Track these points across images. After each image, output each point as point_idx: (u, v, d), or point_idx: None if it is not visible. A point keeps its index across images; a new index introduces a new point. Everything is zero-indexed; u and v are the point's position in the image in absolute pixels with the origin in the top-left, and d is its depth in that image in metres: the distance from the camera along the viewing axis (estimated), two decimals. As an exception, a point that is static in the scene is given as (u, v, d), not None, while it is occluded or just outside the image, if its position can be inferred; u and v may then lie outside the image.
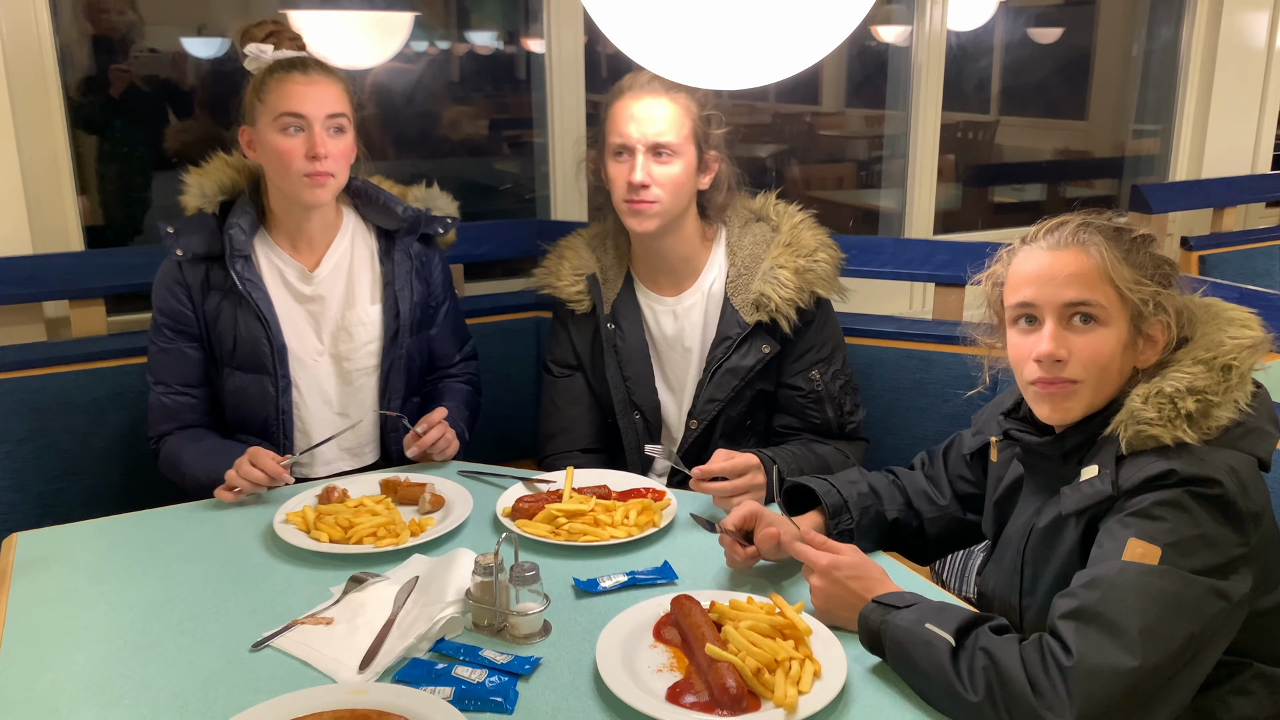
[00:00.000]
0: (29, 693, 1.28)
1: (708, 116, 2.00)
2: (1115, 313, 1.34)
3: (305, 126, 1.86)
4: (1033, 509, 1.45)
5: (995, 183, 4.41)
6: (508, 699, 1.25)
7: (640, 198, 1.95)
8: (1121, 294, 1.33)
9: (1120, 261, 1.34)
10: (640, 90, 1.96)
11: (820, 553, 1.43)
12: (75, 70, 2.54)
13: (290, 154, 1.86)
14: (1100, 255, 1.34)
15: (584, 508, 1.72)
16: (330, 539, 1.65)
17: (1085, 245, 1.35)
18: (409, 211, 2.05)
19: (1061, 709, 1.14)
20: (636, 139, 1.94)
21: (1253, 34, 4.06)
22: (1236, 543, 1.24)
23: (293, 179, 1.88)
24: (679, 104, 1.96)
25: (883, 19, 3.61)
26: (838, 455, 2.03)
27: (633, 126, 1.95)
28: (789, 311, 1.99)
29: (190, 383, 2.00)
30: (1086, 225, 1.37)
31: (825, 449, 2.04)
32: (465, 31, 3.19)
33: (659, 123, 1.94)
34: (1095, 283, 1.34)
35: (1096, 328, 1.34)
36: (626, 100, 1.96)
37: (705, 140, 1.99)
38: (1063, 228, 1.38)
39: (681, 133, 1.95)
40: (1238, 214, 4.12)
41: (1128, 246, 1.36)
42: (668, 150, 1.94)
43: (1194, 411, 1.27)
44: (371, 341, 2.04)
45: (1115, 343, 1.34)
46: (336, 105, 1.89)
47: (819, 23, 1.25)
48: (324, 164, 1.87)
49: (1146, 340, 1.36)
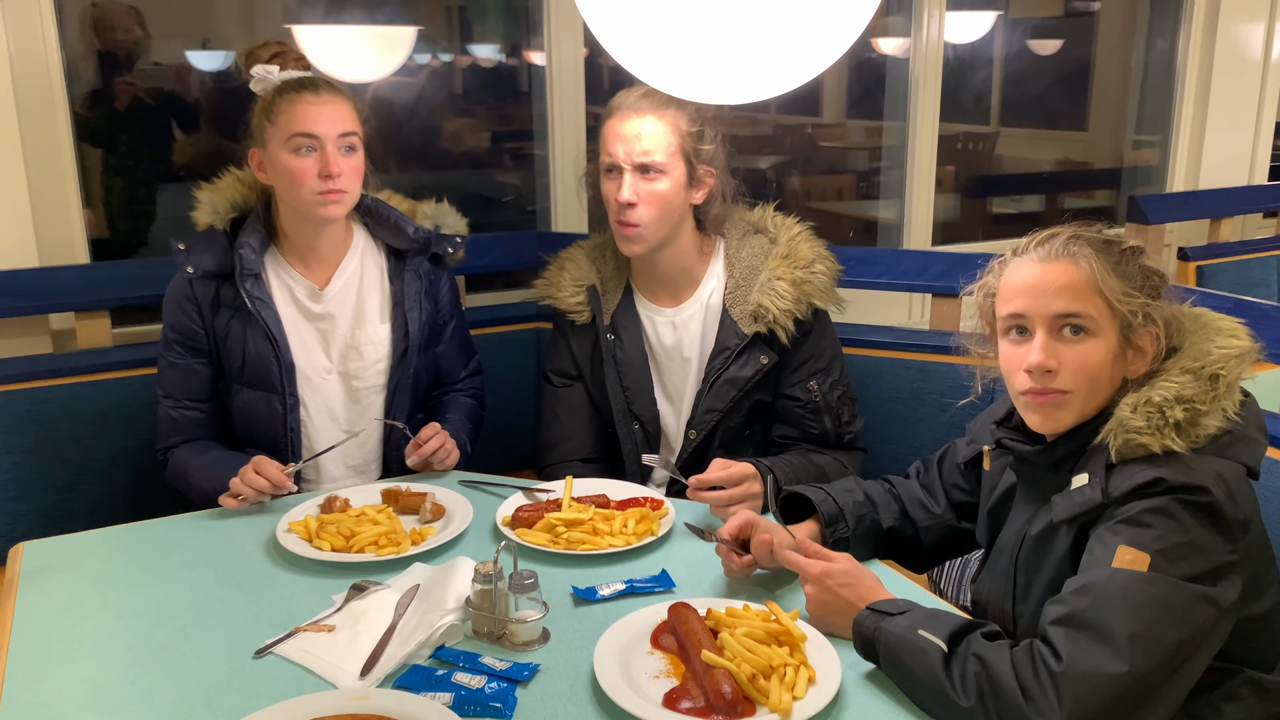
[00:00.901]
0: (35, 699, 1.30)
1: (699, 133, 2.00)
2: (1105, 324, 1.35)
3: (318, 146, 1.87)
4: (1025, 517, 1.46)
5: (994, 194, 4.43)
6: (507, 705, 1.27)
7: (627, 218, 1.98)
8: (1111, 305, 1.35)
9: (1110, 273, 1.36)
10: (628, 110, 1.98)
11: (812, 561, 1.45)
12: (81, 84, 2.57)
13: (303, 174, 1.88)
14: (1090, 267, 1.36)
15: (583, 517, 1.73)
16: (332, 548, 1.67)
17: (1075, 257, 1.37)
18: (420, 232, 2.06)
19: (1051, 714, 1.16)
20: (623, 158, 1.97)
21: (1249, 45, 4.08)
22: (1225, 550, 1.25)
23: (306, 198, 1.90)
24: (667, 121, 1.97)
25: (881, 31, 3.64)
26: (835, 465, 2.05)
27: (619, 146, 1.97)
28: (786, 323, 2.01)
29: (198, 397, 2.02)
30: (1076, 238, 1.39)
31: (823, 459, 2.05)
32: (468, 44, 3.22)
33: (645, 141, 1.96)
34: (1085, 294, 1.35)
35: (1086, 339, 1.36)
36: (615, 120, 1.99)
37: (696, 156, 2.00)
38: (1053, 240, 1.40)
39: (669, 150, 1.97)
40: (1235, 224, 4.12)
41: (1117, 258, 1.37)
42: (654, 168, 1.96)
43: (1182, 420, 1.29)
44: (380, 360, 2.05)
45: (1104, 354, 1.36)
46: (347, 124, 1.91)
47: (817, 37, 1.27)
48: (338, 182, 1.89)
49: (1136, 351, 1.37)
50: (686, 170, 2.00)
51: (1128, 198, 3.73)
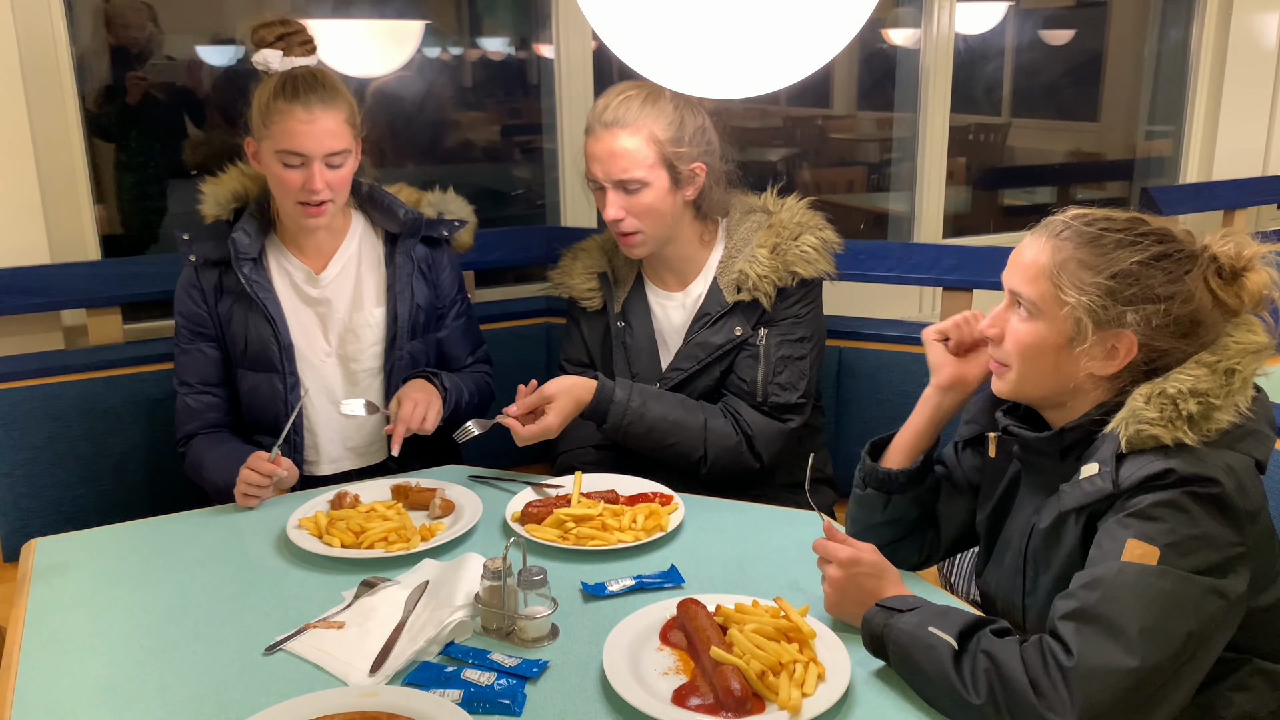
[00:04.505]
0: (48, 695, 1.31)
1: (676, 136, 1.96)
2: (1051, 311, 1.36)
3: (305, 163, 1.90)
4: (1032, 508, 1.46)
5: (1006, 185, 4.41)
6: (516, 701, 1.27)
7: (621, 230, 1.98)
8: (1060, 296, 1.35)
9: (1080, 265, 1.34)
10: (600, 130, 1.96)
11: (842, 546, 1.44)
12: (93, 80, 2.58)
13: (289, 184, 1.91)
14: (1052, 254, 1.35)
15: (592, 512, 1.73)
16: (342, 544, 1.67)
17: (1053, 241, 1.37)
18: (409, 214, 2.08)
19: (1063, 710, 1.16)
20: (602, 178, 1.97)
21: (1263, 35, 4.05)
22: (1234, 541, 1.25)
23: (289, 206, 1.95)
24: (640, 135, 1.94)
25: (892, 22, 3.63)
26: (725, 422, 2.01)
27: (596, 167, 1.97)
28: (767, 288, 2.01)
29: (211, 381, 2.06)
30: (1067, 225, 1.37)
31: (713, 409, 2.03)
32: (477, 37, 3.22)
33: (619, 160, 1.94)
34: (1036, 278, 1.37)
35: (1031, 320, 1.38)
36: (590, 140, 1.97)
37: (677, 159, 1.97)
38: (1052, 221, 1.40)
39: (646, 163, 1.94)
40: (1248, 216, 4.10)
41: (1106, 251, 1.34)
42: (634, 183, 1.95)
43: (1195, 413, 1.28)
44: (377, 343, 2.08)
45: (1043, 339, 1.37)
46: (336, 143, 1.91)
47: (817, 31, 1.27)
48: (319, 196, 1.92)
49: (1108, 351, 1.35)
50: (669, 175, 1.97)
51: (1140, 189, 3.71)
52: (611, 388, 1.98)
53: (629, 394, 1.98)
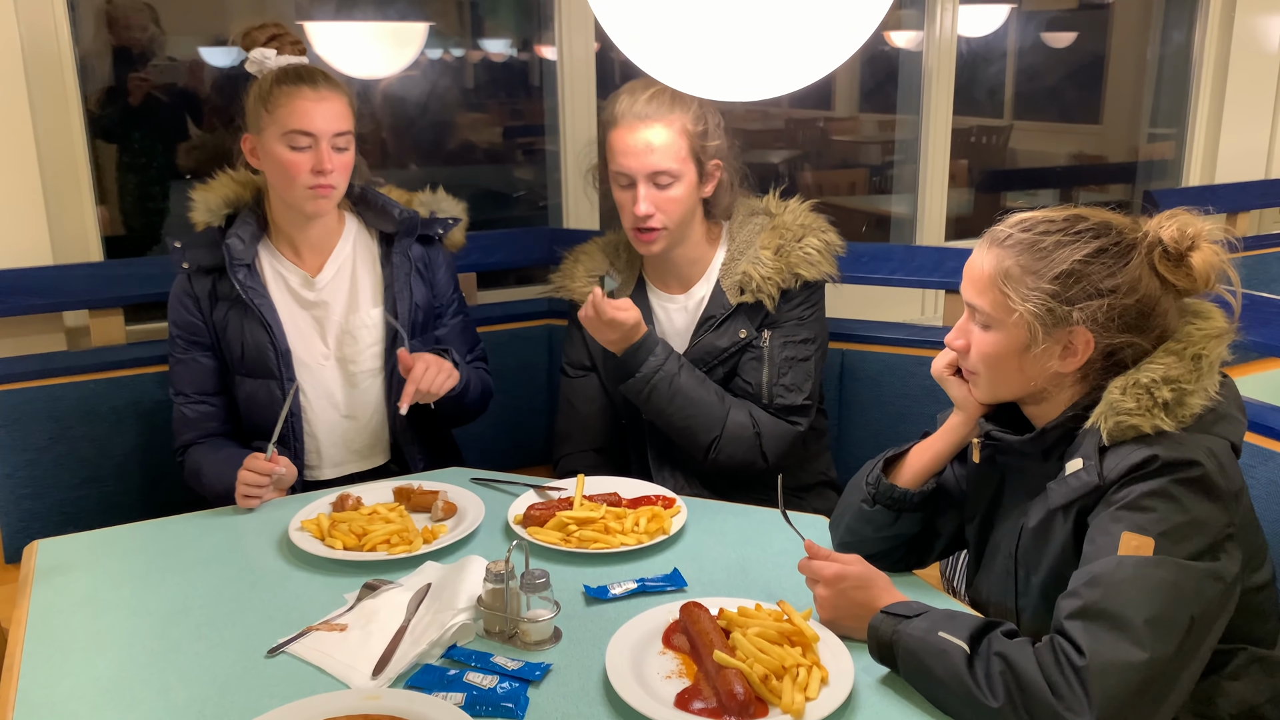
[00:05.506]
0: (50, 697, 1.31)
1: (704, 130, 1.99)
2: (1003, 319, 1.38)
3: (313, 144, 1.90)
4: (1019, 510, 1.47)
5: (1007, 188, 4.41)
6: (518, 705, 1.27)
7: (647, 225, 1.98)
8: (1009, 304, 1.36)
9: (1024, 271, 1.35)
10: (634, 120, 1.95)
11: (826, 564, 1.44)
12: (95, 81, 2.57)
13: (297, 168, 1.90)
14: (996, 264, 1.38)
15: (594, 515, 1.73)
16: (344, 546, 1.67)
17: (997, 249, 1.39)
18: (404, 214, 2.08)
19: (1082, 709, 1.16)
20: (636, 170, 1.96)
21: (1266, 37, 4.04)
22: (1223, 522, 1.27)
23: (297, 191, 1.93)
24: (673, 128, 1.95)
25: (894, 24, 3.62)
26: (737, 412, 2.02)
27: (629, 160, 1.96)
28: (771, 290, 2.01)
29: (207, 391, 2.05)
30: (1009, 234, 1.39)
31: (733, 401, 2.03)
32: (479, 39, 3.22)
33: (655, 153, 1.94)
34: (985, 289, 1.40)
35: (988, 331, 1.41)
36: (621, 132, 1.97)
37: (704, 153, 1.99)
38: (995, 230, 1.41)
39: (679, 155, 1.96)
40: (1251, 219, 4.10)
41: (1043, 254, 1.35)
42: (668, 175, 1.95)
43: (1170, 400, 1.30)
44: (375, 344, 2.08)
45: (1002, 347, 1.39)
46: (343, 123, 1.93)
47: (830, 33, 1.26)
48: (328, 178, 1.92)
49: (1065, 349, 1.37)
50: (697, 170, 1.99)
51: (1143, 192, 3.71)
52: (657, 341, 1.99)
53: (668, 355, 1.99)
